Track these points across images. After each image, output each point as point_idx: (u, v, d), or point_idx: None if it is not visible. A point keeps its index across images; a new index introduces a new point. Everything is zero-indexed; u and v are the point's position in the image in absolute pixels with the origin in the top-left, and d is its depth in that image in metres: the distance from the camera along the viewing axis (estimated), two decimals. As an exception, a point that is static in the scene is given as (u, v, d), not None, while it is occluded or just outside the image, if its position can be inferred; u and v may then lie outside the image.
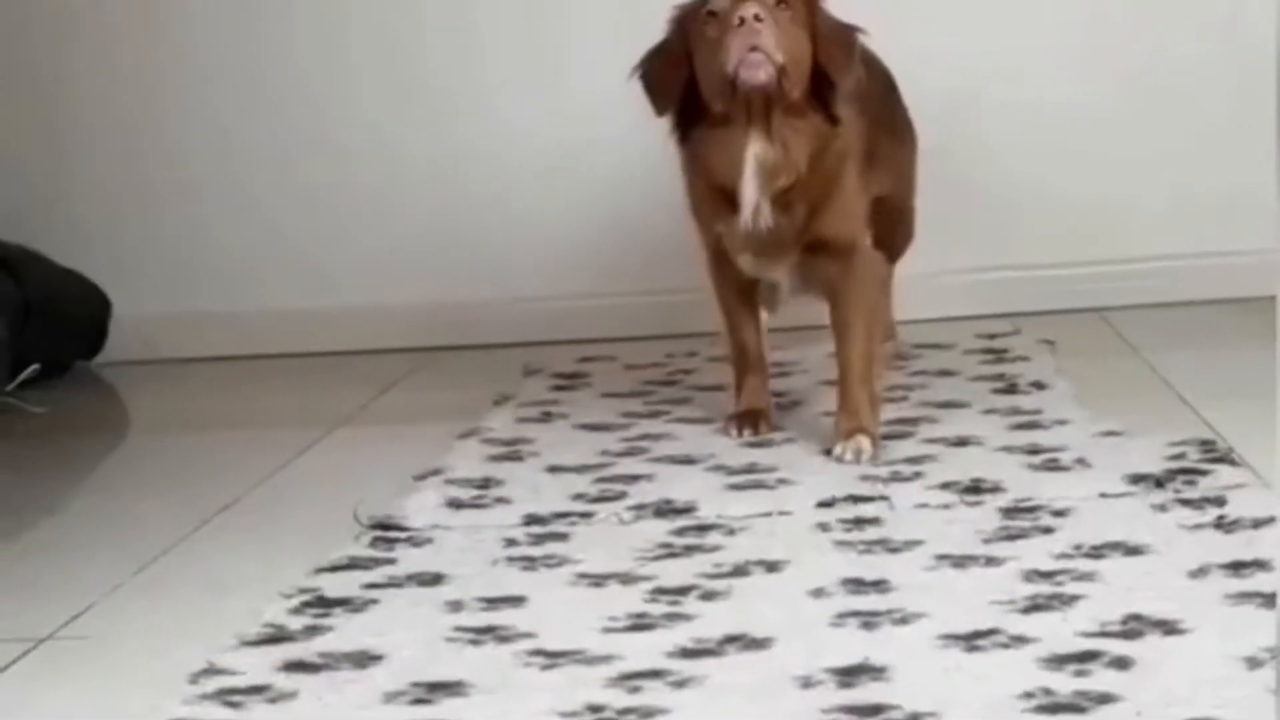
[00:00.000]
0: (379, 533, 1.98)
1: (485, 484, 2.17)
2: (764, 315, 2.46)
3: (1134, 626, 1.49)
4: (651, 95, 2.28)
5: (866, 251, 2.32)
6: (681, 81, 2.24)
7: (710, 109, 2.22)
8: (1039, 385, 2.53)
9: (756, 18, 2.12)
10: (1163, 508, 1.86)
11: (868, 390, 2.24)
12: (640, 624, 1.60)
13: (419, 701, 1.45)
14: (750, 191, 2.20)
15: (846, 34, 2.25)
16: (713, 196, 2.28)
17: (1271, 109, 2.63)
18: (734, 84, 2.16)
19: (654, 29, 2.29)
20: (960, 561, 1.73)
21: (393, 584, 1.79)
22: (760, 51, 2.14)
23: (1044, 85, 3.23)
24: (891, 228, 2.61)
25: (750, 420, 2.34)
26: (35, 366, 3.12)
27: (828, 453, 2.18)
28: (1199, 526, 1.78)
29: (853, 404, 2.23)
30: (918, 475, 2.07)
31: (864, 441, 2.18)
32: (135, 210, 3.44)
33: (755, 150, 2.19)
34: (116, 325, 3.37)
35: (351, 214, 3.41)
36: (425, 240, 3.38)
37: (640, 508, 2.01)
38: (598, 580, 1.75)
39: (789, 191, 2.21)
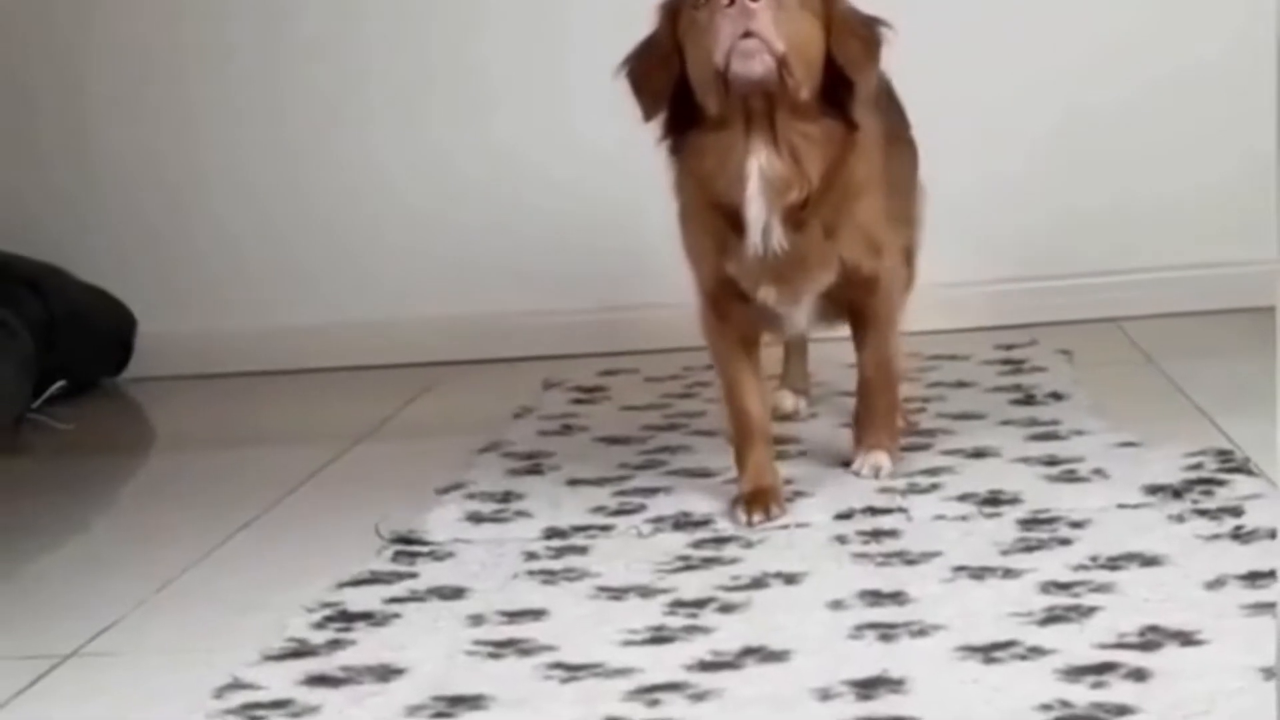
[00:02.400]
0: (400, 547, 1.99)
1: (506, 498, 2.18)
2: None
3: (1151, 638, 1.50)
4: (638, 96, 1.98)
5: (892, 268, 2.09)
6: (671, 80, 1.94)
7: (704, 110, 1.93)
8: (1056, 396, 2.54)
9: None
10: (1180, 518, 1.86)
11: (887, 403, 2.15)
12: (659, 637, 1.61)
13: (440, 715, 1.46)
14: (756, 208, 1.92)
15: (869, 27, 1.95)
16: (713, 218, 1.98)
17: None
18: (725, 78, 1.87)
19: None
20: (978, 573, 1.73)
21: (414, 598, 1.80)
22: (755, 38, 1.84)
23: (1059, 95, 3.24)
24: None
25: (760, 502, 1.99)
26: (61, 383, 3.15)
27: (846, 465, 2.17)
28: (1216, 537, 1.78)
29: (872, 418, 2.15)
30: (935, 487, 2.07)
31: (882, 458, 2.13)
32: (160, 227, 3.47)
33: (759, 160, 1.91)
34: (141, 342, 3.39)
35: (371, 231, 3.43)
36: (445, 254, 3.40)
37: (659, 520, 2.01)
38: (617, 593, 1.76)
39: (802, 208, 1.94)
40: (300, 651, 1.64)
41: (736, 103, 1.90)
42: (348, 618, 1.74)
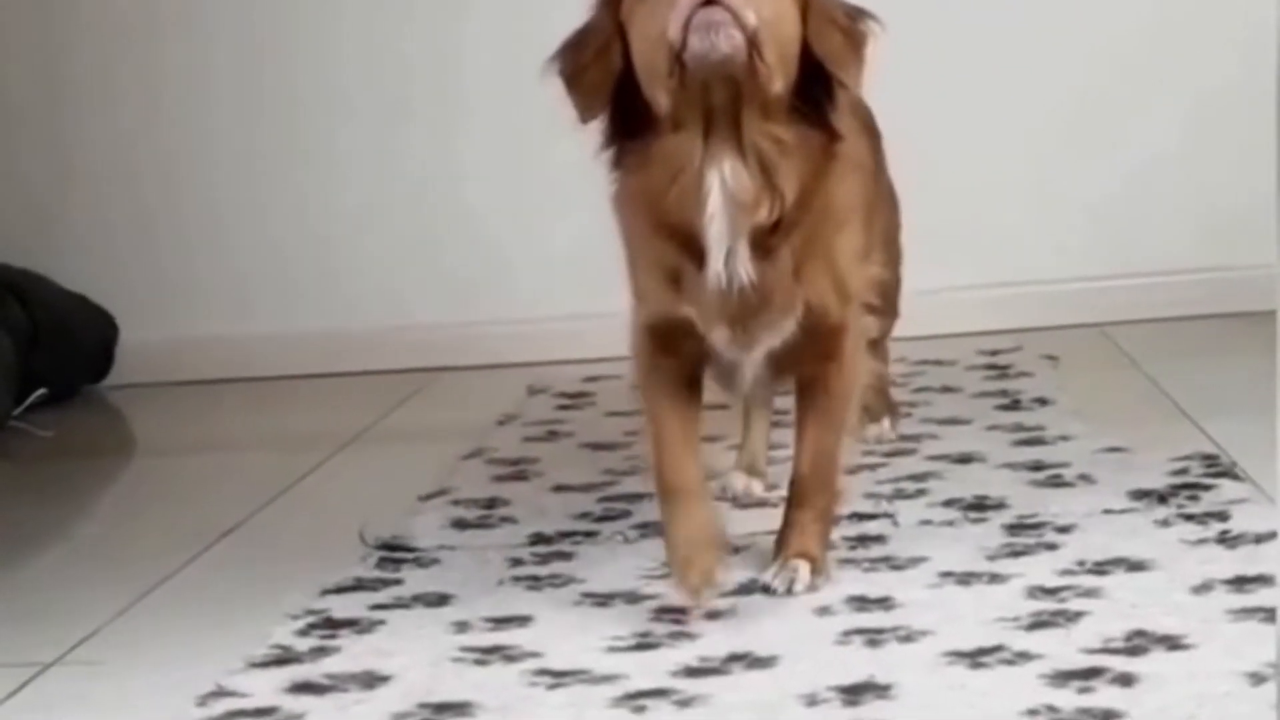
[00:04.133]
0: (385, 553, 1.98)
1: (491, 504, 2.18)
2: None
3: (1138, 643, 1.50)
4: (572, 94, 1.64)
5: (858, 328, 1.74)
6: (612, 74, 1.60)
7: (653, 110, 1.58)
8: (1042, 401, 2.54)
9: None
10: (1166, 523, 1.86)
11: (822, 505, 1.75)
12: (645, 643, 1.61)
13: (426, 722, 1.45)
14: (719, 230, 1.58)
15: (854, 19, 1.63)
16: (663, 246, 1.64)
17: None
18: (681, 61, 1.53)
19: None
20: (964, 579, 1.73)
21: (399, 605, 1.79)
22: (720, 6, 1.50)
23: (1046, 100, 3.24)
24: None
25: (698, 573, 1.63)
26: (42, 391, 3.13)
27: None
28: (1202, 542, 1.78)
29: (799, 521, 1.75)
30: (921, 492, 2.07)
31: (803, 569, 1.71)
32: (141, 234, 3.46)
33: (721, 170, 1.57)
34: (123, 349, 3.38)
35: (355, 236, 3.42)
36: (428, 261, 3.39)
37: (644, 526, 2.01)
38: (603, 599, 1.76)
39: (773, 231, 1.60)
40: (285, 659, 1.63)
41: (694, 96, 1.55)
42: (332, 625, 1.73)
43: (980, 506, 1.98)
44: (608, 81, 1.61)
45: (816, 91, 1.60)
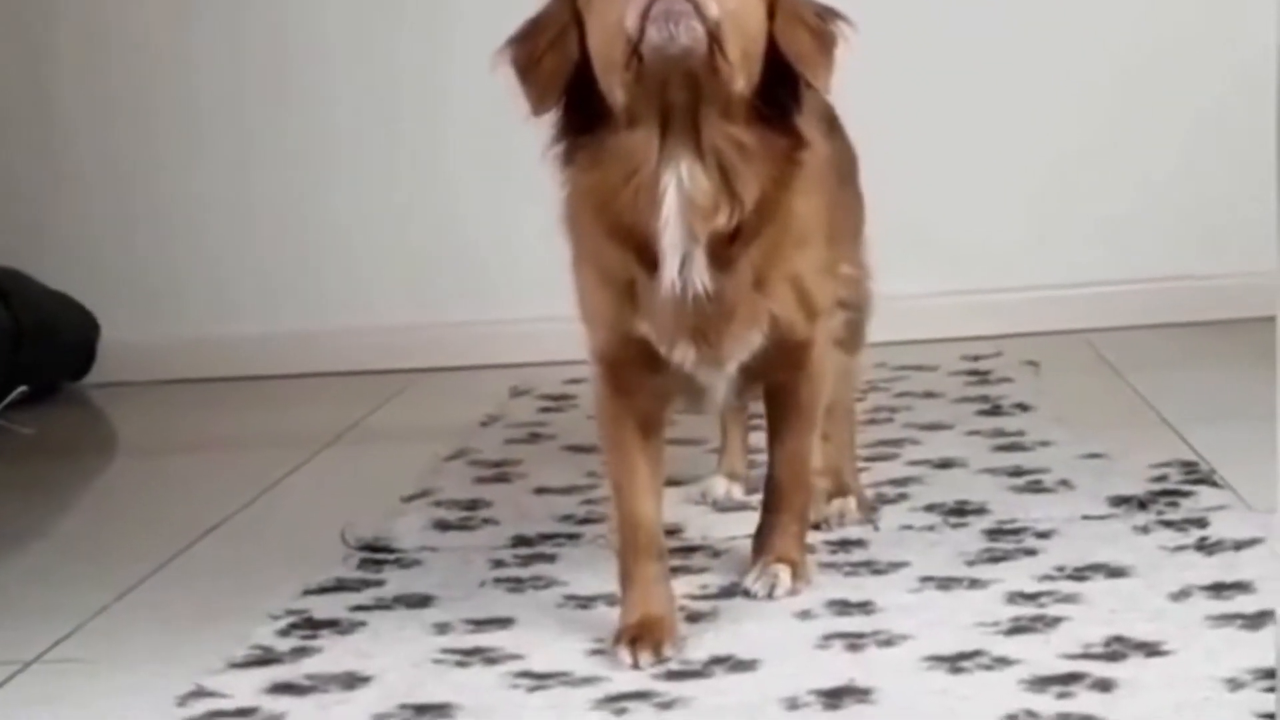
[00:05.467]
0: (367, 554, 1.98)
1: (473, 505, 2.17)
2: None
3: (1117, 649, 1.50)
4: (524, 85, 1.55)
5: (826, 337, 1.69)
6: (567, 64, 1.52)
7: (609, 105, 1.50)
8: (1022, 407, 2.55)
9: None
10: (1145, 529, 1.87)
11: (798, 507, 1.74)
12: (627, 646, 1.61)
13: (407, 723, 1.45)
14: (674, 235, 1.50)
15: (823, 18, 1.55)
16: (615, 256, 1.55)
17: (1256, 133, 2.65)
18: (638, 53, 1.44)
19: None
20: (945, 583, 1.73)
21: (380, 606, 1.79)
22: None
23: (1029, 108, 3.25)
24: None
25: (649, 638, 1.56)
26: (24, 388, 3.12)
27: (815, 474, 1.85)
28: (1181, 548, 1.79)
29: (776, 525, 1.74)
30: (902, 497, 2.07)
31: (783, 573, 1.71)
32: (123, 233, 3.45)
33: (678, 171, 1.49)
34: (104, 347, 3.38)
35: (338, 235, 3.42)
36: (411, 261, 3.39)
37: (627, 529, 2.01)
38: (585, 602, 1.76)
39: (731, 240, 1.52)
40: (265, 659, 1.63)
41: (651, 92, 1.47)
42: (313, 625, 1.73)
43: (961, 511, 1.99)
44: (562, 72, 1.52)
45: (782, 93, 1.52)
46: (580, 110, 1.53)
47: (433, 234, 3.39)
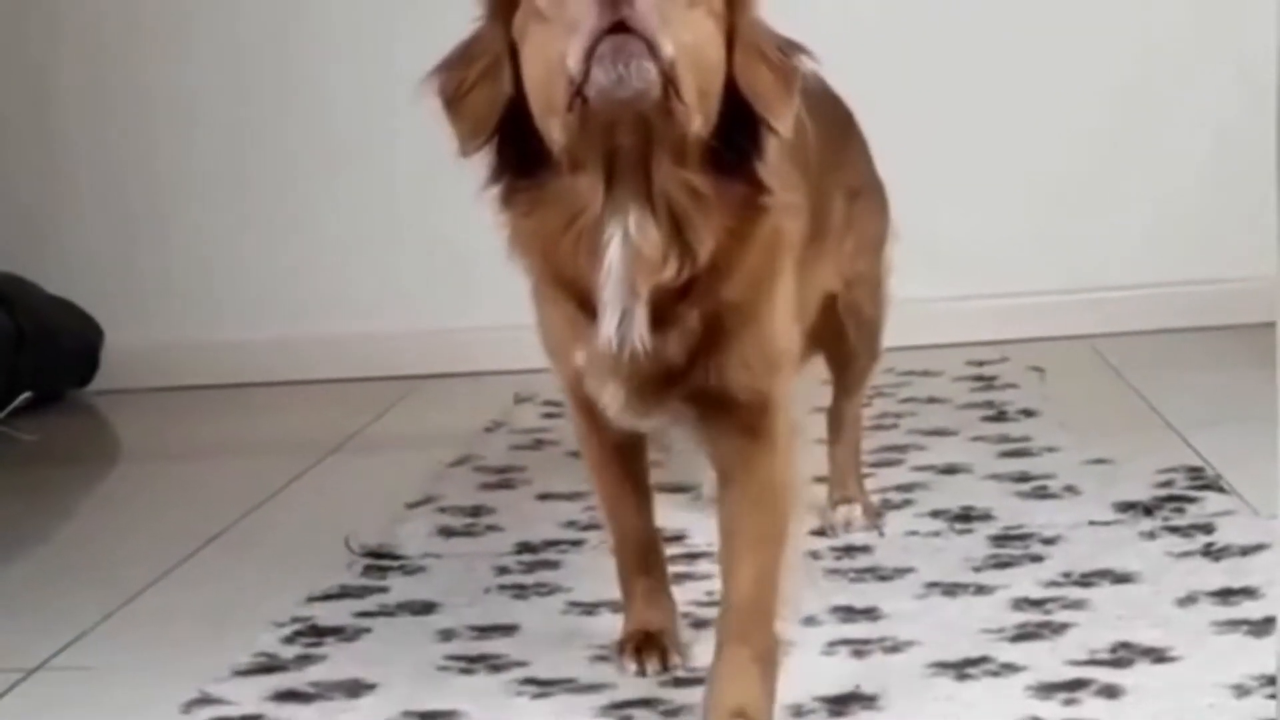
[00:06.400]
0: (371, 561, 1.98)
1: (477, 512, 2.17)
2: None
3: (1123, 655, 1.50)
4: (452, 122, 1.40)
5: (787, 404, 1.46)
6: (499, 99, 1.36)
7: (546, 146, 1.34)
8: (1027, 413, 2.54)
9: None
10: (1151, 535, 1.87)
11: (764, 639, 1.42)
12: (632, 652, 1.61)
13: (411, 731, 1.45)
14: (614, 291, 1.34)
15: (785, 52, 1.38)
16: (563, 294, 1.42)
17: (1259, 140, 2.64)
18: (582, 95, 1.26)
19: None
20: (950, 589, 1.73)
21: (385, 612, 1.79)
22: (632, 34, 1.24)
23: (1037, 115, 3.25)
24: (842, 341, 1.91)
25: (651, 648, 1.57)
26: (27, 394, 3.12)
27: (820, 479, 1.99)
28: (1187, 554, 1.79)
29: (735, 659, 1.41)
30: (907, 503, 2.07)
31: None
32: (127, 240, 3.45)
33: (624, 223, 1.33)
34: (108, 354, 3.37)
35: (340, 241, 3.42)
36: (416, 268, 3.39)
37: (631, 536, 2.01)
38: (589, 608, 1.76)
39: (681, 294, 1.36)
40: (270, 666, 1.63)
41: (596, 135, 1.30)
42: (318, 632, 1.73)
43: (966, 517, 1.98)
44: (494, 108, 1.36)
45: (739, 135, 1.34)
46: (516, 146, 1.37)
47: (436, 238, 3.39)
